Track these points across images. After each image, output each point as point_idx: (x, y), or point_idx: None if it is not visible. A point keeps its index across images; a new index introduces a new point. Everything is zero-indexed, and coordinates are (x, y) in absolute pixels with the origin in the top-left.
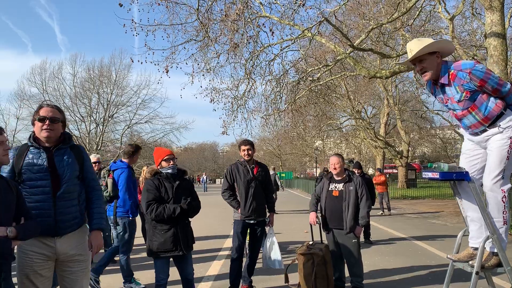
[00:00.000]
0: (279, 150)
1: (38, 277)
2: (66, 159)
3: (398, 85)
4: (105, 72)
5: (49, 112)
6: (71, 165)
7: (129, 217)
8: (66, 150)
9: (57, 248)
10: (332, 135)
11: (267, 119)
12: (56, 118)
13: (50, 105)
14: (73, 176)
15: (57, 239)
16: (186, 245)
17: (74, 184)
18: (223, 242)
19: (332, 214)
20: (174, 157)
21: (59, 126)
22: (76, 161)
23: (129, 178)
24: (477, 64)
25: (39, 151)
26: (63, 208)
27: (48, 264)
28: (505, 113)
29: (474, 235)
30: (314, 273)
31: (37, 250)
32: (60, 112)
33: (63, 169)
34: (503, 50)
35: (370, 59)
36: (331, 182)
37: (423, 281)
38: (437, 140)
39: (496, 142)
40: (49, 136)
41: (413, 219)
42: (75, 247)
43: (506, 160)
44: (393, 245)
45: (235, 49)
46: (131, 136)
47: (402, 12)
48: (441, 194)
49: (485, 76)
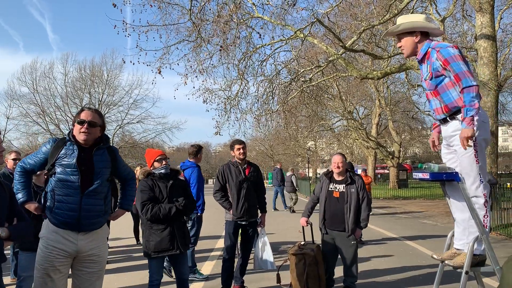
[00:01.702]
0: (271, 151)
1: (57, 273)
2: (103, 160)
3: (389, 86)
4: (96, 71)
5: (88, 116)
6: (105, 167)
7: (198, 213)
8: (104, 151)
9: (79, 245)
10: (324, 135)
11: (259, 119)
12: (95, 122)
13: (91, 109)
14: (105, 178)
15: (81, 235)
16: (183, 244)
17: (104, 186)
18: (215, 243)
19: (332, 216)
20: (166, 157)
21: (97, 130)
22: (110, 163)
23: (199, 177)
24: (452, 47)
25: (73, 148)
26: (88, 205)
27: (67, 261)
28: None
29: (457, 237)
30: (306, 273)
31: (60, 247)
32: (100, 116)
33: (99, 169)
34: (493, 52)
35: (362, 60)
36: (331, 182)
37: (414, 281)
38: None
39: (461, 148)
40: (85, 139)
41: (404, 219)
42: (95, 247)
43: (476, 164)
44: (384, 245)
45: (227, 50)
46: (123, 136)
47: (393, 14)
48: (432, 194)
49: (451, 58)
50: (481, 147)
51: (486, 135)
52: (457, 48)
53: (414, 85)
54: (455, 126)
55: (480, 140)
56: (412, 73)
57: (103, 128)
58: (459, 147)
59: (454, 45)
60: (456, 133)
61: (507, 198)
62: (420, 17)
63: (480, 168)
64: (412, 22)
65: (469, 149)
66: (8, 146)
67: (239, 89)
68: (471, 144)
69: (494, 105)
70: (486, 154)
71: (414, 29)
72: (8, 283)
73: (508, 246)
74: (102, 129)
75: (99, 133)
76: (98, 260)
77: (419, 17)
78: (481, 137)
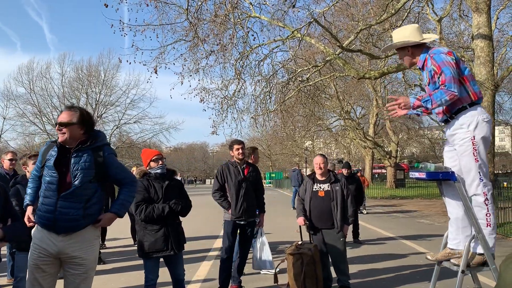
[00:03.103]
0: (269, 150)
1: (40, 272)
2: (82, 162)
3: (387, 85)
4: (93, 71)
5: (62, 116)
6: (85, 169)
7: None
8: (86, 152)
9: (58, 246)
10: (322, 135)
11: (256, 119)
12: (66, 122)
13: (66, 108)
14: (85, 180)
15: (61, 237)
16: (177, 245)
17: (85, 188)
18: (213, 243)
19: (319, 215)
20: (163, 157)
21: (74, 129)
22: (94, 165)
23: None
24: (446, 54)
25: (55, 149)
26: (63, 208)
27: (50, 260)
28: (468, 109)
29: (450, 237)
30: (303, 272)
31: (41, 245)
32: (76, 114)
33: (76, 172)
34: (490, 52)
35: (359, 60)
36: (314, 182)
37: (411, 280)
38: (426, 141)
39: (460, 146)
40: (62, 140)
41: (402, 219)
42: (77, 249)
43: (475, 162)
44: (381, 245)
45: (223, 50)
46: (120, 136)
47: (390, 14)
48: (429, 194)
49: (443, 63)
50: (480, 146)
51: (485, 134)
52: (451, 54)
53: (411, 84)
54: (455, 125)
55: (479, 139)
56: (409, 72)
57: (85, 126)
58: (458, 146)
59: (449, 52)
60: (456, 132)
61: (504, 197)
62: (412, 30)
63: (480, 166)
64: (404, 37)
65: (468, 147)
66: (5, 147)
67: (236, 88)
68: (402, 112)
69: (491, 104)
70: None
71: (406, 45)
72: (4, 283)
73: (504, 245)
74: (83, 127)
75: (80, 131)
76: (82, 263)
77: (411, 30)
78: (479, 136)
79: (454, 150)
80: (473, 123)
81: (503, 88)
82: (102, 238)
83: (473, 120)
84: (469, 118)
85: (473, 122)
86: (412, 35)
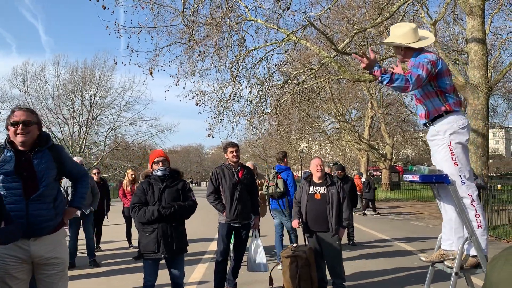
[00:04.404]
0: (264, 153)
1: (13, 280)
2: (44, 162)
3: (381, 88)
4: (88, 73)
5: (21, 115)
6: (48, 169)
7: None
8: (44, 152)
9: (31, 250)
10: (317, 138)
11: (252, 121)
12: (29, 121)
13: (22, 108)
14: (51, 180)
15: (32, 241)
16: (169, 249)
17: (51, 188)
18: (208, 245)
19: (315, 217)
20: (165, 159)
21: (34, 128)
22: (54, 163)
23: (293, 177)
24: (427, 60)
25: (10, 154)
26: (36, 211)
27: (23, 266)
28: (444, 116)
29: (444, 238)
30: (298, 275)
31: (11, 253)
32: (34, 114)
33: (42, 173)
34: (484, 55)
35: (354, 62)
36: (311, 185)
37: (406, 282)
38: (420, 143)
39: (439, 153)
40: (23, 141)
41: (396, 221)
42: (51, 250)
43: (455, 166)
44: (376, 247)
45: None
46: (115, 138)
47: (385, 17)
48: (424, 196)
49: (420, 64)
50: (457, 150)
51: (461, 140)
52: (434, 64)
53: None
54: (433, 132)
55: (455, 144)
56: None
57: (40, 127)
58: (437, 154)
59: (433, 61)
60: (434, 138)
61: (498, 200)
62: (406, 31)
63: (460, 169)
64: (397, 38)
65: (445, 153)
66: None
67: (232, 91)
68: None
69: (485, 107)
70: (477, 156)
71: (398, 46)
72: None
73: (498, 248)
74: (39, 127)
75: (37, 131)
76: (58, 262)
77: (404, 32)
78: (455, 141)
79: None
80: (449, 130)
81: (497, 91)
82: (97, 241)
83: (448, 127)
84: (445, 125)
85: (449, 129)
86: (407, 37)
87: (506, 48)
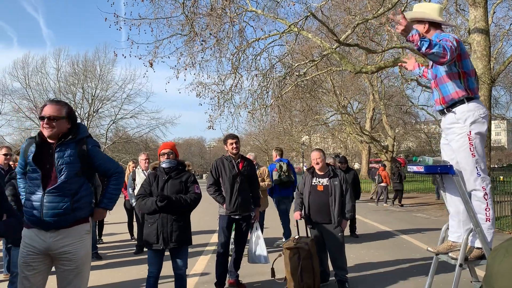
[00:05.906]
0: (266, 145)
1: (30, 269)
2: (67, 156)
3: (383, 80)
4: (89, 66)
5: (48, 110)
6: (70, 162)
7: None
8: (69, 145)
9: (47, 242)
10: (319, 130)
11: (253, 114)
12: (55, 116)
13: (52, 102)
14: (71, 175)
15: (50, 233)
16: (167, 240)
17: (71, 183)
18: (210, 237)
19: (318, 209)
20: (171, 151)
21: (61, 123)
22: (78, 157)
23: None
24: (452, 37)
25: (35, 145)
26: (50, 203)
27: (39, 257)
28: (465, 103)
29: (452, 230)
30: (300, 267)
31: (30, 242)
32: (64, 108)
33: (61, 167)
34: (486, 46)
35: (356, 54)
36: (313, 177)
37: (408, 273)
38: (422, 135)
39: (457, 142)
40: (49, 135)
41: (398, 213)
42: (67, 245)
43: (472, 157)
44: (378, 239)
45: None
46: (117, 131)
47: (387, 8)
48: (426, 188)
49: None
50: (476, 141)
51: (481, 130)
52: (458, 43)
53: (407, 79)
54: (451, 119)
55: (474, 134)
56: None
57: (72, 120)
58: (454, 142)
59: (457, 40)
60: (453, 126)
61: (500, 191)
62: (433, 8)
63: (477, 161)
64: (423, 13)
65: (464, 143)
66: (1, 142)
67: (233, 83)
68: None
69: (487, 98)
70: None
71: (424, 19)
72: (1, 279)
73: (500, 239)
74: (71, 121)
75: (67, 125)
76: (73, 258)
77: (432, 8)
78: (475, 131)
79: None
80: (470, 118)
81: (499, 82)
82: (99, 233)
83: (469, 115)
84: (466, 113)
85: (470, 118)
86: (433, 13)
87: (509, 39)
